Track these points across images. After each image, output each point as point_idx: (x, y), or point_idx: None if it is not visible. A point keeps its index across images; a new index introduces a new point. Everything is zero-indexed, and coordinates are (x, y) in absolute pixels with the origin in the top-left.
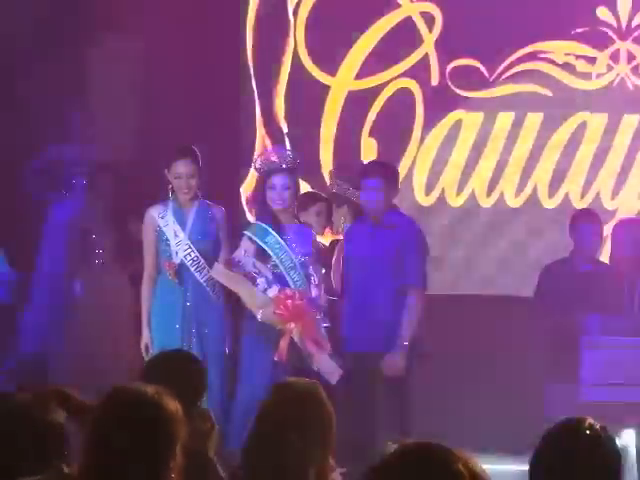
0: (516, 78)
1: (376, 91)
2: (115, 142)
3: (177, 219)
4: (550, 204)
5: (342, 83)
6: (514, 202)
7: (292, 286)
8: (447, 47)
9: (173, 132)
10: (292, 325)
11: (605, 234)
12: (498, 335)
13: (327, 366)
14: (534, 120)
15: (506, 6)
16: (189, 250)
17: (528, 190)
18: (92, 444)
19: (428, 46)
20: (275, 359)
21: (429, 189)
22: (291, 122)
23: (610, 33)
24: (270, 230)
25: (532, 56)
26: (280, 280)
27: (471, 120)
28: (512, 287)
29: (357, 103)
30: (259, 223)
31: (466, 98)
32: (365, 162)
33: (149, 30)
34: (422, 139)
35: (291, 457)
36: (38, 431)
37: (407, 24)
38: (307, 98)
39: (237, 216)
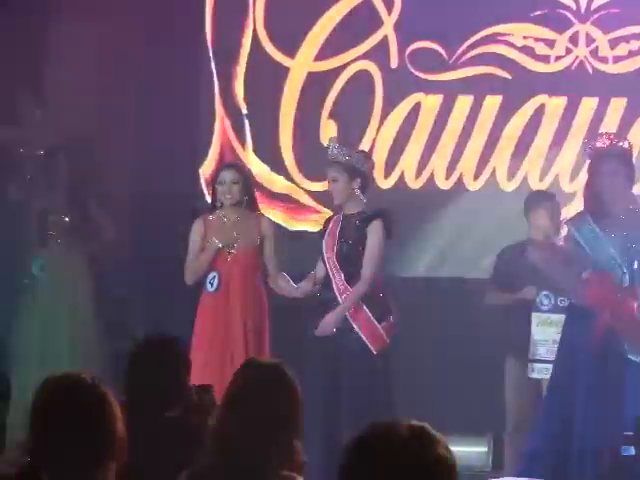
0: (475, 61)
1: (336, 73)
2: (72, 125)
3: None
4: (509, 187)
5: (301, 65)
6: (472, 185)
7: None
8: (406, 29)
9: (130, 114)
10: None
11: (562, 217)
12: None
13: None
14: (493, 102)
15: None
16: None
17: (487, 173)
18: None
19: (387, 28)
20: None
21: (388, 172)
22: (250, 103)
23: (569, 16)
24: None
25: (491, 39)
26: None
27: (430, 103)
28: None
29: (317, 85)
30: None
31: (425, 80)
32: None
33: (105, 12)
34: (381, 121)
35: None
36: None
37: (366, 6)
38: (266, 79)
39: (196, 198)
